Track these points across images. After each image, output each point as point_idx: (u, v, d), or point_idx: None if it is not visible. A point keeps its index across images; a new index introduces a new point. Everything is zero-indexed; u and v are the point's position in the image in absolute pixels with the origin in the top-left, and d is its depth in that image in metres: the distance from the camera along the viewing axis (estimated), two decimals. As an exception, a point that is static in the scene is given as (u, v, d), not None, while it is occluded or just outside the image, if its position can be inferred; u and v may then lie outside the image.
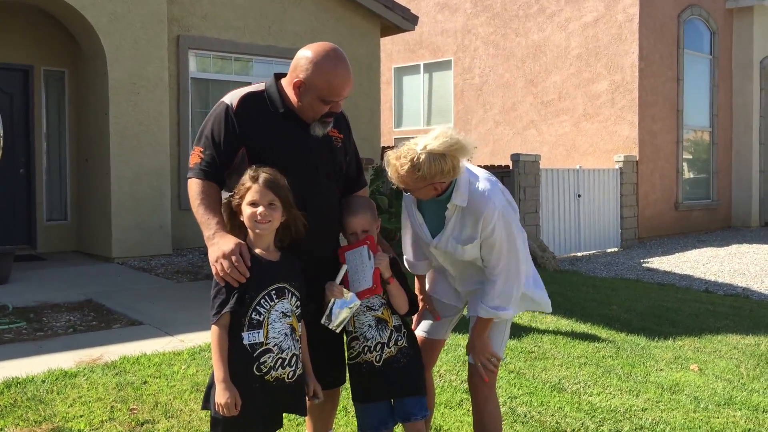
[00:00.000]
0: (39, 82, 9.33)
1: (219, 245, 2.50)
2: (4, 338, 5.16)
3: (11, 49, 9.07)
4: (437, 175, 2.61)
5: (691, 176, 14.95)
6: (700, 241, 13.40)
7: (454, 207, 2.78)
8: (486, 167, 12.08)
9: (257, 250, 2.54)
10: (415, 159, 2.58)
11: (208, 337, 5.10)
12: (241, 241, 2.51)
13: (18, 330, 5.39)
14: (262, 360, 2.45)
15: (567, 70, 14.14)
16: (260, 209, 2.48)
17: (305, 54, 2.69)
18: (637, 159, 13.19)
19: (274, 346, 2.46)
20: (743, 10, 15.44)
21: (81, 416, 3.60)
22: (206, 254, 9.12)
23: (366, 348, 2.79)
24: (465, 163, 2.81)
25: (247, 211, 2.51)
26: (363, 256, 2.72)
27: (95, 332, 5.38)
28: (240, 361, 2.44)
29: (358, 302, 2.69)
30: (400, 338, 2.82)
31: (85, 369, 4.30)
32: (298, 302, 2.58)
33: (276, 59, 10.27)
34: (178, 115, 9.58)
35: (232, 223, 2.61)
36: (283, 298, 2.51)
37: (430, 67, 16.52)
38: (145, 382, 4.11)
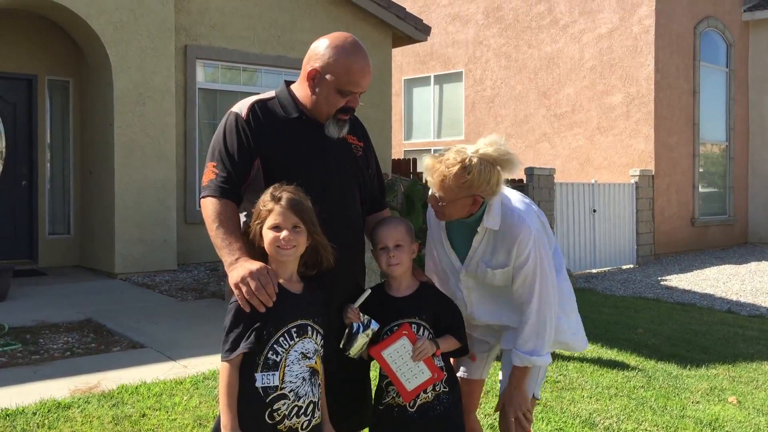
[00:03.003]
0: (43, 91, 9.10)
1: (244, 266, 2.20)
2: (-2, 362, 4.88)
3: (15, 58, 8.85)
4: (483, 185, 2.38)
5: (708, 191, 14.62)
6: (718, 257, 13.05)
7: (485, 230, 2.51)
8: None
9: (279, 280, 2.24)
10: (466, 161, 2.36)
11: (212, 363, 4.83)
12: (267, 265, 2.22)
13: (13, 353, 5.10)
14: (275, 407, 2.13)
15: (581, 82, 13.87)
16: (284, 233, 2.19)
17: (322, 42, 2.45)
18: (653, 173, 12.88)
19: (290, 392, 2.15)
20: (759, 22, 15.15)
21: (74, 455, 3.31)
22: (212, 270, 8.76)
23: None
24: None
25: (268, 235, 2.21)
26: (407, 351, 2.41)
27: (94, 356, 5.09)
28: (251, 405, 2.13)
29: (377, 326, 2.39)
30: (438, 382, 2.49)
31: (80, 399, 4.00)
32: (323, 341, 2.27)
33: (285, 69, 10.02)
34: (185, 126, 9.33)
35: (251, 251, 2.31)
36: (305, 337, 2.20)
37: (441, 79, 16.27)
38: (143, 415, 3.82)
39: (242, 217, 2.49)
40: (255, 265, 2.20)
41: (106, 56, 8.27)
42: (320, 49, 2.43)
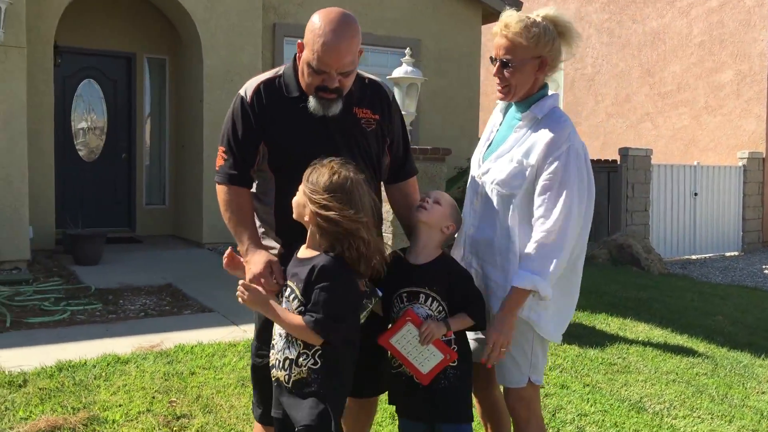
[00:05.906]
0: (142, 68, 9.57)
1: (249, 265, 2.39)
2: (77, 319, 5.23)
3: (115, 36, 9.33)
4: (548, 45, 2.43)
5: (827, 176, 13.52)
6: (835, 247, 12.11)
7: (531, 118, 2.46)
8: (591, 162, 11.38)
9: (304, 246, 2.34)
10: (531, 18, 2.44)
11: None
12: (272, 258, 2.37)
13: (92, 311, 5.46)
14: (268, 353, 2.39)
15: (688, 59, 13.14)
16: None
17: (314, 15, 2.43)
18: (764, 156, 12.07)
19: (274, 343, 2.33)
20: None
21: (119, 406, 3.51)
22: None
23: None
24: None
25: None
26: (413, 336, 2.37)
27: (164, 317, 5.37)
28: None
29: (380, 294, 2.39)
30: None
31: (138, 356, 4.24)
32: (301, 307, 2.23)
33: (372, 47, 10.03)
34: (272, 103, 9.55)
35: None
36: (284, 298, 2.30)
37: (540, 57, 15.83)
38: (193, 373, 4.00)
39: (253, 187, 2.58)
40: (259, 264, 2.35)
41: (197, 34, 8.60)
42: (310, 21, 2.42)
